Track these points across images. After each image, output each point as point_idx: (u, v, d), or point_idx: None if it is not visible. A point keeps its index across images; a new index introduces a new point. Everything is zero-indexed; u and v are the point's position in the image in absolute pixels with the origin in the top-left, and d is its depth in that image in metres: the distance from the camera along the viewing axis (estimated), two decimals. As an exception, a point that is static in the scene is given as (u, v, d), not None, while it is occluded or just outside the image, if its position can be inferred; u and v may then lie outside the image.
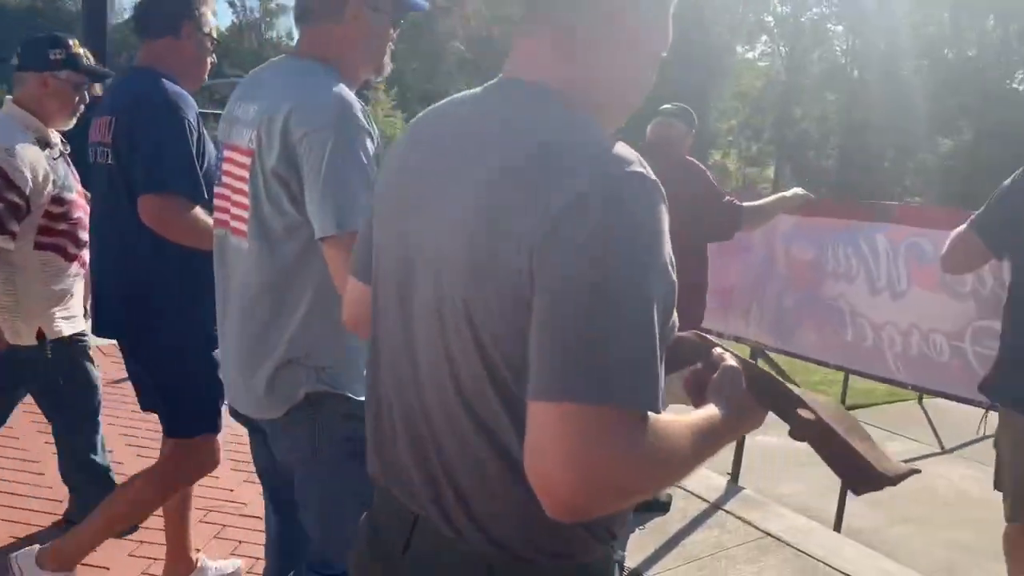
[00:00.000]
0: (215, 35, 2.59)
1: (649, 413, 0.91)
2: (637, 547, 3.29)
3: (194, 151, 2.35)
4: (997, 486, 2.58)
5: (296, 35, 1.94)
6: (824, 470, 1.26)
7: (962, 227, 2.65)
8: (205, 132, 2.45)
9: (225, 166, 1.84)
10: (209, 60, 2.59)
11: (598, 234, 0.91)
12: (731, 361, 1.17)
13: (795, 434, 1.17)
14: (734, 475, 4.91)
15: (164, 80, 2.41)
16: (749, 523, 3.63)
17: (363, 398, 1.30)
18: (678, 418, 0.99)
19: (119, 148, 2.38)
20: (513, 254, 0.96)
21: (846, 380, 7.44)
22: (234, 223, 1.80)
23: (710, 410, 1.07)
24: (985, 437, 3.07)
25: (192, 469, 2.67)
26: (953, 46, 56.82)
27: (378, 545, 1.23)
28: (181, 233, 2.31)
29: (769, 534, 3.52)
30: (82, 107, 2.84)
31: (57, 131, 2.83)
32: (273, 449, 1.89)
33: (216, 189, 1.90)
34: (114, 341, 2.68)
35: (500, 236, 0.97)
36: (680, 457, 0.97)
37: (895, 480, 1.20)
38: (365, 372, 1.26)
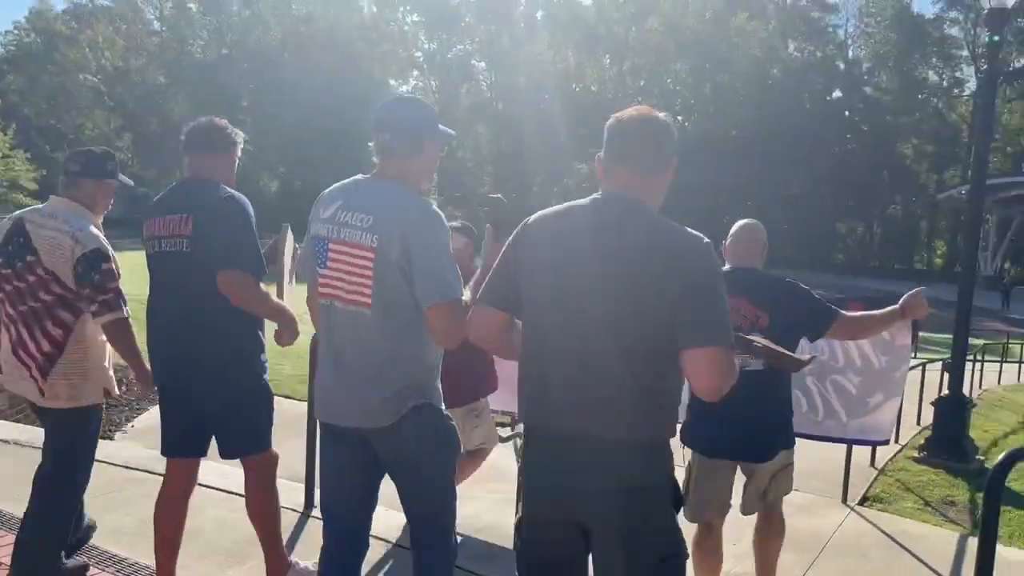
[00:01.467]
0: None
1: None
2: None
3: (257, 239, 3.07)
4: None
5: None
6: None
7: None
8: None
9: (334, 256, 2.47)
10: None
11: (711, 272, 2.07)
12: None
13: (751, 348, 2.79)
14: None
15: (225, 187, 3.12)
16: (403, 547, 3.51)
17: (442, 405, 2.58)
18: None
19: (198, 238, 2.97)
20: (658, 297, 2.01)
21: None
22: (348, 296, 2.47)
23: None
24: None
25: (274, 470, 3.31)
26: (578, 82, 63.72)
27: (549, 458, 2.16)
28: (248, 300, 2.98)
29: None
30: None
31: None
32: (379, 448, 2.54)
33: (321, 271, 2.51)
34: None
35: (651, 286, 2.01)
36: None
37: (806, 363, 3.06)
38: (525, 362, 2.23)
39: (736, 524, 3.85)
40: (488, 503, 6.10)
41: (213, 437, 3.14)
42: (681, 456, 3.37)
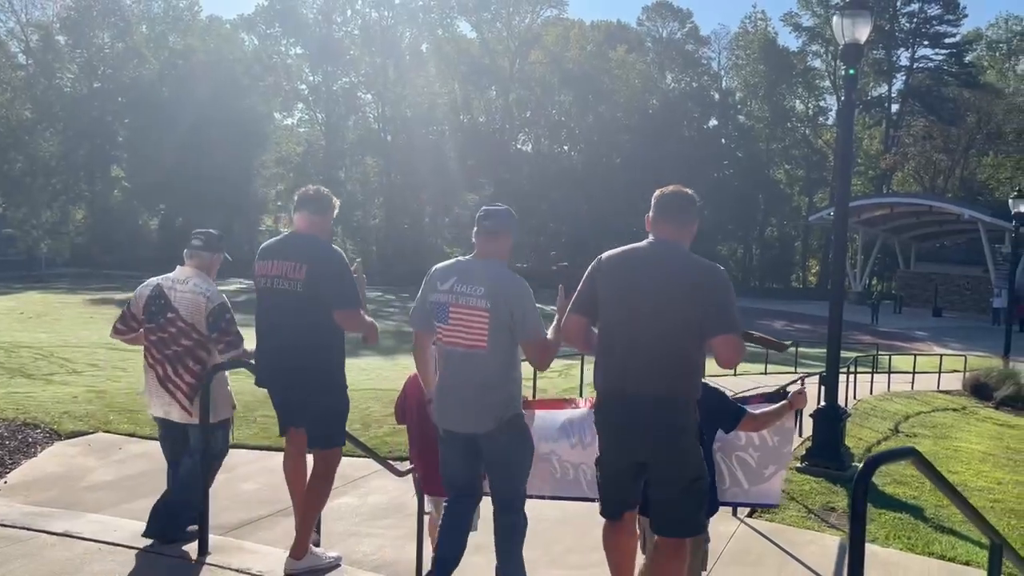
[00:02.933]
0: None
1: None
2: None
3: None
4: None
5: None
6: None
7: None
8: None
9: (454, 316, 3.61)
10: None
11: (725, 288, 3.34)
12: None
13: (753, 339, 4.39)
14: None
15: (326, 241, 4.07)
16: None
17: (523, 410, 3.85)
18: None
19: (311, 283, 3.86)
20: (699, 309, 3.24)
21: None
22: (467, 342, 3.58)
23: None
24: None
25: (336, 464, 4.08)
26: (466, 113, 64.33)
27: (627, 417, 3.27)
28: (357, 327, 4.02)
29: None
30: None
31: None
32: (484, 447, 3.65)
33: (442, 325, 3.66)
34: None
35: (694, 305, 3.24)
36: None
37: (786, 346, 8.17)
38: (602, 350, 3.43)
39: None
40: (388, 539, 6.04)
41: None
42: None
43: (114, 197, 58.69)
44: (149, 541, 3.99)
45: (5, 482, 6.41)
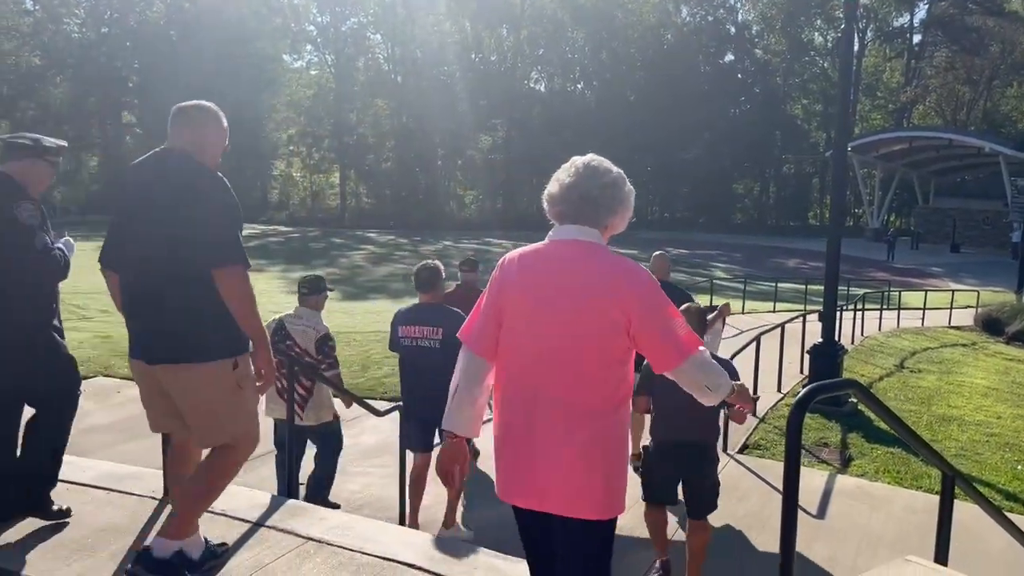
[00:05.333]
0: None
1: None
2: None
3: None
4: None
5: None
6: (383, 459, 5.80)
7: None
8: None
9: None
10: None
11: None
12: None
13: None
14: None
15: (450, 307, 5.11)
16: (290, 532, 3.49)
17: None
18: None
19: (447, 343, 4.55)
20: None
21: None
22: None
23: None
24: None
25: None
26: (477, 52, 63.27)
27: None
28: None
29: (311, 538, 3.41)
30: None
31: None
32: None
33: None
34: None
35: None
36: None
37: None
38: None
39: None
40: (375, 478, 6.13)
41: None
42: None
43: (126, 144, 58.63)
44: (115, 481, 4.05)
45: None
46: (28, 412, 3.58)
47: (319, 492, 5.08)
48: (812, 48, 64.17)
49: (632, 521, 4.85)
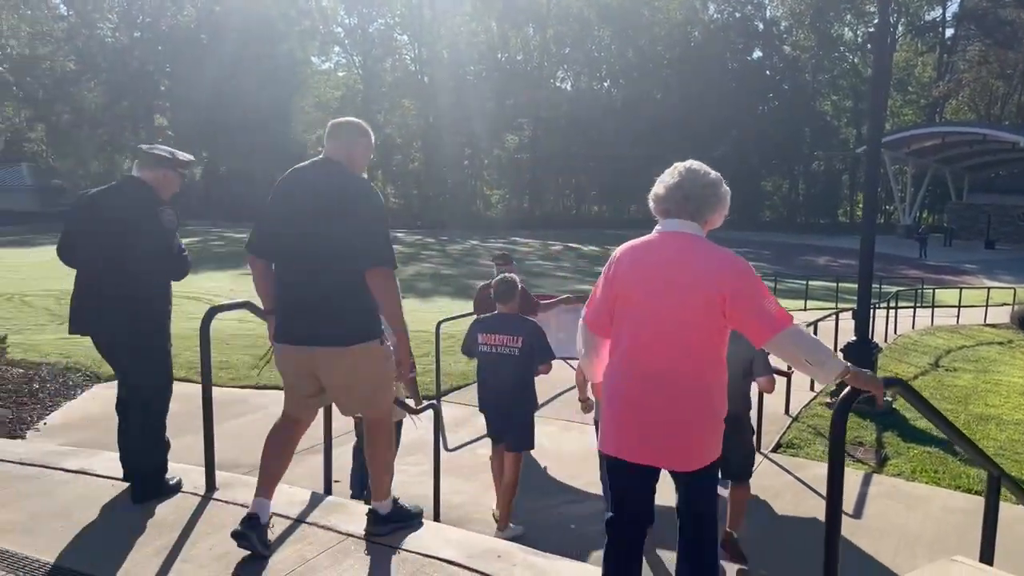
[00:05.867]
0: None
1: None
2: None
3: None
4: None
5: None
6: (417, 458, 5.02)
7: None
8: None
9: None
10: None
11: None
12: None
13: None
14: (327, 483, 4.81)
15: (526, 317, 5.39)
16: (331, 528, 3.53)
17: None
18: None
19: (527, 349, 5.05)
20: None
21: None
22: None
23: None
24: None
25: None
26: (504, 51, 63.33)
27: None
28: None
29: (351, 535, 3.45)
30: None
31: None
32: None
33: None
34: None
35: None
36: None
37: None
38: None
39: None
40: (412, 475, 6.16)
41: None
42: None
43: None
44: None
45: (45, 423, 6.66)
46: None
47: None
48: (842, 43, 63.44)
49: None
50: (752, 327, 2.58)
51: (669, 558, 4.67)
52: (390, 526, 3.52)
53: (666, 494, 2.92)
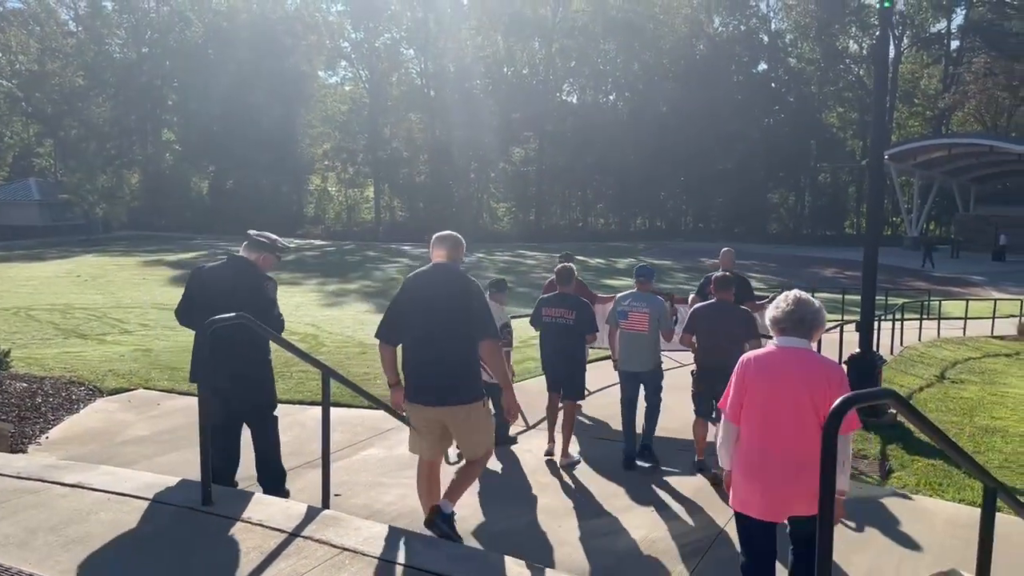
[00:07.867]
0: None
1: None
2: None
3: None
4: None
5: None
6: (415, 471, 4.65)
7: None
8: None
9: (631, 316, 6.81)
10: None
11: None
12: None
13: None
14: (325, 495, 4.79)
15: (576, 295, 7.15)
16: (326, 542, 3.52)
17: None
18: None
19: (578, 321, 6.88)
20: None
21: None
22: (639, 329, 6.79)
23: None
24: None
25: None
26: (509, 65, 63.57)
27: None
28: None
29: (345, 548, 3.43)
30: None
31: None
32: (643, 379, 6.97)
33: (623, 321, 6.84)
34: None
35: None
36: None
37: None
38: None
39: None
40: (411, 488, 6.14)
41: None
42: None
43: (166, 161, 59.72)
44: (156, 492, 4.12)
45: (47, 438, 6.66)
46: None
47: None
48: (847, 56, 63.45)
49: (684, 427, 6.95)
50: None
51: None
52: (445, 526, 4.18)
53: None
